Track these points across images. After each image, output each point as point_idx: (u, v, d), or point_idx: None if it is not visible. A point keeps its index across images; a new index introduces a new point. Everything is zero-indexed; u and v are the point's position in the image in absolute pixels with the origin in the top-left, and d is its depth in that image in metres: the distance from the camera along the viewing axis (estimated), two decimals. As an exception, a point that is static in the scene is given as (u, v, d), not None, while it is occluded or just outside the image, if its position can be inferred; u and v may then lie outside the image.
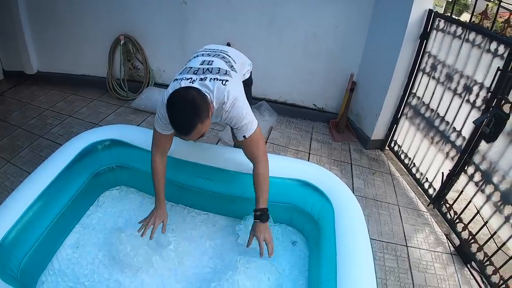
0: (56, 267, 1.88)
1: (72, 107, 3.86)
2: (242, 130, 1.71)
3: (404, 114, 3.17)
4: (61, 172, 1.95)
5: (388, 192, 2.93)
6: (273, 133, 3.60)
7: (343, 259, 1.57)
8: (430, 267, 2.30)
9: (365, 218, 1.81)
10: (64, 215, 1.97)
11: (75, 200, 2.06)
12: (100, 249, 1.98)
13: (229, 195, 2.12)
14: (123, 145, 2.23)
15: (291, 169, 2.04)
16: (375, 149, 3.51)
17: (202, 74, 1.69)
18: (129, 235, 1.90)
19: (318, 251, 1.81)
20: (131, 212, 2.26)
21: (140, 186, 2.41)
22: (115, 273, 1.86)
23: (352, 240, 1.66)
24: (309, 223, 2.03)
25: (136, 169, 2.27)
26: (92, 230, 2.11)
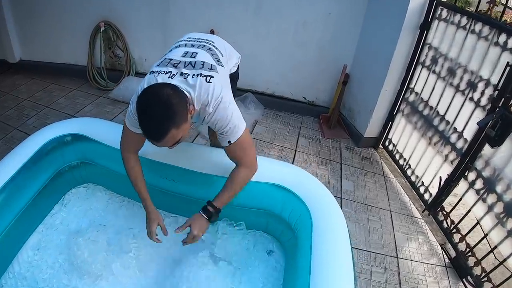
0: (16, 270, 1.78)
1: (50, 97, 3.77)
2: (227, 135, 1.50)
3: (401, 111, 3.00)
4: (19, 170, 1.81)
5: (380, 196, 2.75)
6: (257, 127, 3.45)
7: (318, 274, 1.41)
8: (422, 282, 2.13)
9: (353, 225, 1.65)
10: (26, 214, 1.85)
11: (37, 199, 1.93)
12: (61, 252, 1.88)
13: (197, 198, 1.92)
14: (87, 140, 2.07)
15: (268, 171, 1.83)
16: (368, 148, 3.34)
17: (184, 68, 1.48)
18: (86, 240, 1.80)
19: (295, 263, 1.64)
20: (96, 212, 2.14)
21: (107, 184, 2.26)
22: (74, 279, 1.76)
23: (330, 252, 1.49)
24: (287, 231, 1.85)
25: (102, 166, 2.12)
26: (54, 230, 2.01)
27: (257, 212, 1.87)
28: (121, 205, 2.16)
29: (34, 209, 1.91)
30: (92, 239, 1.79)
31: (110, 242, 1.86)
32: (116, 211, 2.12)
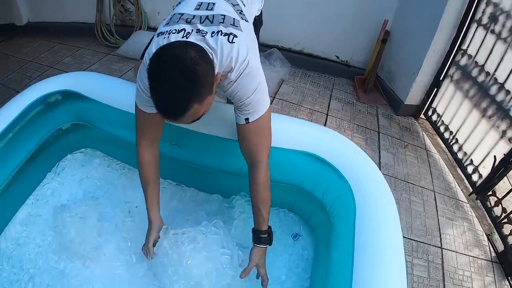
0: (2, 248, 1.63)
1: (56, 57, 3.61)
2: (247, 109, 1.21)
3: (449, 76, 2.67)
4: (3, 132, 1.60)
5: (423, 173, 2.42)
6: (284, 86, 3.12)
7: (363, 274, 1.10)
8: (467, 278, 1.84)
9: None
10: (14, 184, 1.66)
11: (26, 167, 1.72)
12: (50, 229, 1.67)
13: (206, 166, 1.65)
14: (81, 99, 1.79)
15: (297, 135, 1.50)
16: (408, 117, 2.98)
17: (200, 23, 1.17)
18: (73, 216, 1.55)
19: (328, 254, 1.32)
20: (92, 182, 1.92)
21: (106, 149, 2.02)
22: (62, 260, 1.57)
23: (379, 249, 1.16)
24: (319, 213, 1.52)
25: (99, 129, 1.84)
26: (45, 203, 1.82)
27: (283, 187, 1.54)
28: (120, 173, 1.93)
29: (23, 178, 1.71)
30: (80, 216, 1.54)
31: (104, 218, 1.63)
32: (115, 180, 1.89)
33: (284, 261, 1.53)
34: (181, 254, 1.32)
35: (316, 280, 1.40)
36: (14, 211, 1.73)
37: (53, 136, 1.84)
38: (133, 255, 1.55)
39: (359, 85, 3.21)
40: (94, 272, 1.53)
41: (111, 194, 1.81)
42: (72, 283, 1.49)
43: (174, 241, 1.37)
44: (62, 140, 1.90)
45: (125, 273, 1.52)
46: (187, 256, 1.31)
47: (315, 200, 1.50)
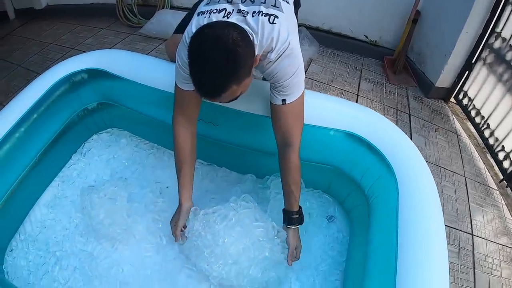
0: (28, 231, 1.61)
1: (77, 39, 3.53)
2: (284, 91, 1.19)
3: (482, 59, 2.54)
4: (26, 115, 1.56)
5: (454, 157, 2.32)
6: (312, 66, 3.00)
7: (408, 260, 1.04)
8: (496, 267, 1.77)
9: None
10: (39, 166, 1.63)
11: (51, 148, 1.68)
12: (77, 211, 1.64)
13: (241, 145, 1.58)
14: (107, 77, 1.72)
15: (337, 114, 1.42)
16: (438, 100, 2.87)
17: (241, 3, 1.14)
18: (102, 197, 1.50)
19: (367, 238, 1.26)
20: (119, 162, 1.86)
21: (133, 129, 1.96)
22: (90, 243, 1.55)
23: (422, 234, 1.09)
24: (356, 196, 1.45)
25: (127, 107, 1.78)
26: (71, 184, 1.78)
27: (319, 167, 1.48)
28: (148, 153, 1.87)
29: (48, 159, 1.67)
30: (109, 197, 1.49)
31: (133, 199, 1.57)
32: (143, 160, 1.83)
33: (319, 244, 1.47)
34: (215, 233, 1.28)
35: (353, 264, 1.34)
36: (39, 193, 1.70)
37: (79, 116, 1.80)
38: (164, 237, 1.51)
39: (389, 66, 3.10)
40: (123, 254, 1.49)
41: (140, 174, 1.76)
42: (100, 265, 1.45)
43: (206, 221, 1.32)
44: (88, 120, 1.85)
45: (155, 256, 1.48)
46: (222, 235, 1.27)
47: (353, 182, 1.43)
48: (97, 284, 1.42)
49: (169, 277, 1.42)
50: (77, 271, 1.48)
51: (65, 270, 1.49)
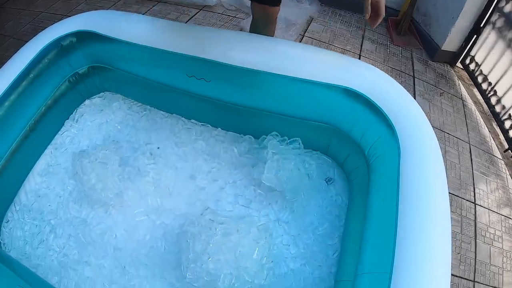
0: (23, 201, 1.61)
1: (69, 5, 3.35)
2: None
3: (491, 23, 2.41)
4: (14, 83, 1.51)
5: (458, 123, 2.25)
6: (313, 25, 2.90)
7: (408, 224, 0.98)
8: (498, 239, 1.73)
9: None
10: (32, 134, 1.60)
11: (43, 115, 1.65)
12: (70, 178, 1.63)
13: (235, 103, 1.50)
14: (98, 39, 1.64)
15: (333, 69, 1.33)
16: (444, 63, 2.76)
17: None
18: (93, 162, 1.47)
19: (367, 200, 1.20)
20: (112, 126, 1.82)
21: (126, 91, 1.89)
22: (83, 209, 1.54)
23: (424, 197, 1.03)
24: (356, 157, 1.39)
25: (119, 69, 1.71)
26: (64, 151, 1.74)
27: (317, 126, 1.41)
28: (141, 115, 1.81)
29: (40, 127, 1.64)
30: (100, 161, 1.46)
31: (125, 163, 1.56)
32: (135, 123, 1.78)
33: (316, 207, 1.42)
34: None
35: (352, 228, 1.29)
36: (33, 162, 1.68)
37: (70, 81, 1.73)
38: (157, 199, 1.47)
39: (393, 27, 2.98)
40: (116, 219, 1.48)
41: (132, 137, 1.71)
42: (94, 231, 1.44)
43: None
44: (79, 85, 1.78)
45: (148, 220, 1.45)
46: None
47: (352, 142, 1.36)
48: (91, 251, 1.42)
49: (161, 241, 1.40)
50: (71, 239, 1.47)
51: (59, 238, 1.48)
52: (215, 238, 1.14)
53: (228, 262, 1.12)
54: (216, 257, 1.12)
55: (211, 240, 1.14)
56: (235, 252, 1.12)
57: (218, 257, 1.12)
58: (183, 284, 1.28)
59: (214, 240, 1.14)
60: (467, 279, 1.60)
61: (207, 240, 1.14)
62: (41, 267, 1.43)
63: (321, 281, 1.28)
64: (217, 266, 1.12)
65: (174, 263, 1.33)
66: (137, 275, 1.35)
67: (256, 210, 1.42)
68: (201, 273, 1.14)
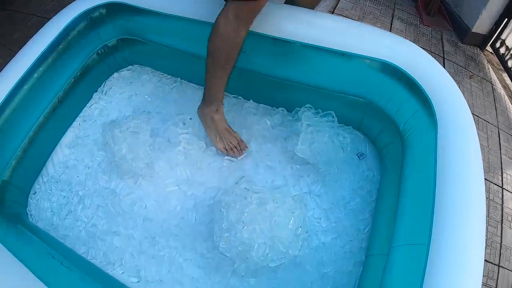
0: (50, 172, 1.61)
1: None
2: None
3: None
4: (43, 55, 1.49)
5: (488, 107, 2.20)
6: (342, 2, 2.83)
7: (446, 200, 0.95)
8: None
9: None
10: (60, 107, 1.60)
11: (71, 88, 1.64)
12: (100, 149, 1.62)
13: (271, 75, 1.47)
14: (128, 10, 1.62)
15: (370, 42, 1.29)
16: (473, 46, 2.68)
17: None
18: (125, 131, 1.44)
19: (400, 178, 1.18)
20: (141, 98, 1.79)
21: (156, 64, 1.86)
22: (113, 180, 1.53)
23: (461, 173, 1.00)
24: (389, 131, 1.36)
25: (149, 42, 1.69)
26: (92, 123, 1.73)
27: (352, 100, 1.38)
28: (171, 87, 1.78)
29: (68, 100, 1.63)
30: (132, 130, 1.44)
31: (156, 134, 1.53)
32: (165, 95, 1.75)
33: (348, 182, 1.40)
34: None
35: (384, 203, 1.27)
36: (61, 134, 1.68)
37: (98, 54, 1.72)
38: (187, 170, 1.47)
39: (423, 7, 2.89)
40: (146, 190, 1.47)
41: (162, 109, 1.69)
42: (123, 201, 1.43)
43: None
44: (108, 58, 1.77)
45: (178, 191, 1.45)
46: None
47: (387, 117, 1.33)
48: (120, 221, 1.41)
49: (192, 212, 1.40)
50: (100, 209, 1.47)
51: (88, 209, 1.48)
52: (250, 207, 1.12)
53: (263, 231, 1.11)
54: (251, 226, 1.11)
55: (246, 209, 1.12)
56: (270, 221, 1.11)
57: (253, 226, 1.11)
58: (214, 254, 1.28)
59: (249, 209, 1.12)
60: (492, 263, 1.58)
61: (241, 209, 1.13)
62: (68, 238, 1.44)
63: (352, 255, 1.27)
64: (252, 236, 1.11)
65: (205, 234, 1.32)
66: (167, 246, 1.34)
67: (289, 182, 1.41)
68: (235, 242, 1.13)
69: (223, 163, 1.48)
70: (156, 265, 1.32)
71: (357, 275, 1.24)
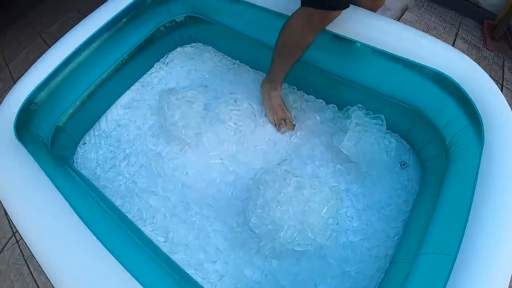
0: (102, 128, 1.72)
1: None
2: None
3: None
4: (116, 17, 1.57)
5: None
6: (407, 14, 2.81)
7: (477, 231, 0.93)
8: None
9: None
10: (122, 69, 1.68)
11: (136, 53, 1.72)
12: (153, 113, 1.71)
13: (326, 71, 1.48)
14: None
15: (428, 51, 1.28)
16: (535, 79, 2.56)
17: None
18: (181, 99, 1.50)
19: (438, 193, 1.16)
20: (200, 74, 1.84)
21: (219, 45, 1.92)
22: (160, 144, 1.61)
23: (500, 201, 0.97)
24: (436, 145, 1.34)
25: (215, 22, 1.74)
26: (150, 89, 1.82)
27: (402, 107, 1.37)
28: (229, 68, 1.83)
29: (131, 64, 1.72)
30: (187, 99, 1.49)
31: (209, 108, 1.58)
32: (223, 75, 1.80)
33: (387, 187, 1.39)
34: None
35: (419, 214, 1.26)
36: (119, 95, 1.78)
37: (166, 27, 1.79)
38: (234, 146, 1.51)
39: (488, 31, 2.80)
40: (190, 158, 1.53)
41: (217, 86, 1.74)
42: (167, 165, 1.51)
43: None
44: (175, 32, 1.84)
45: (221, 165, 1.50)
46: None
47: (435, 129, 1.31)
48: (160, 182, 1.48)
49: (231, 186, 1.44)
50: (143, 168, 1.54)
51: (131, 166, 1.56)
52: (288, 189, 1.14)
53: (296, 214, 1.13)
54: (284, 207, 1.13)
55: (283, 190, 1.14)
56: (304, 205, 1.13)
57: (287, 208, 1.12)
58: (243, 230, 1.32)
59: (286, 191, 1.14)
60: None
61: (279, 189, 1.15)
62: (107, 189, 1.51)
63: (377, 260, 1.26)
64: (284, 216, 1.13)
65: (239, 209, 1.36)
66: (200, 213, 1.39)
67: (328, 175, 1.42)
68: (266, 219, 1.15)
69: (268, 147, 1.51)
70: (185, 229, 1.37)
71: (378, 280, 1.23)
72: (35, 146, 1.29)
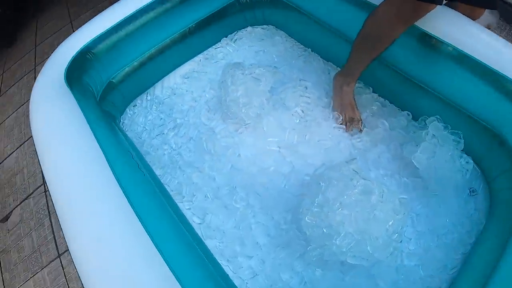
0: (157, 93, 1.69)
1: None
2: None
3: None
4: None
5: None
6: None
7: None
8: None
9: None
10: (188, 38, 1.65)
11: (205, 24, 1.67)
12: (213, 88, 1.63)
13: (407, 74, 1.35)
14: None
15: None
16: None
17: None
18: (246, 74, 1.40)
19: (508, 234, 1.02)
20: (269, 55, 1.73)
21: (291, 30, 1.80)
22: (215, 120, 1.52)
23: None
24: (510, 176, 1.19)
25: (293, 6, 1.63)
26: (214, 63, 1.76)
27: (482, 127, 1.21)
28: (299, 55, 1.71)
29: (198, 34, 1.67)
30: (254, 77, 1.38)
31: (274, 92, 1.47)
32: (292, 60, 1.69)
33: (450, 213, 1.23)
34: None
35: (481, 252, 1.12)
36: (179, 63, 1.73)
37: (240, 4, 1.73)
38: (296, 136, 1.39)
39: None
40: (246, 140, 1.43)
41: (285, 71, 1.62)
42: (218, 142, 1.42)
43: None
44: (248, 11, 1.77)
45: (278, 153, 1.39)
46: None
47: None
48: (207, 159, 1.40)
49: (285, 178, 1.33)
50: (191, 142, 1.47)
51: (180, 137, 1.50)
52: (354, 192, 1.02)
53: (358, 221, 1.00)
54: (347, 210, 1.00)
55: (348, 192, 1.02)
56: (369, 214, 1.00)
57: (350, 212, 1.00)
58: (290, 228, 1.20)
59: (352, 193, 1.02)
60: None
61: (343, 190, 1.03)
62: (149, 156, 1.46)
63: (429, 291, 1.12)
64: (343, 221, 1.00)
65: (290, 204, 1.24)
66: (245, 200, 1.29)
67: (393, 187, 1.29)
68: (323, 221, 1.03)
69: (332, 144, 1.39)
70: (225, 215, 1.28)
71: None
72: (83, 95, 1.25)
